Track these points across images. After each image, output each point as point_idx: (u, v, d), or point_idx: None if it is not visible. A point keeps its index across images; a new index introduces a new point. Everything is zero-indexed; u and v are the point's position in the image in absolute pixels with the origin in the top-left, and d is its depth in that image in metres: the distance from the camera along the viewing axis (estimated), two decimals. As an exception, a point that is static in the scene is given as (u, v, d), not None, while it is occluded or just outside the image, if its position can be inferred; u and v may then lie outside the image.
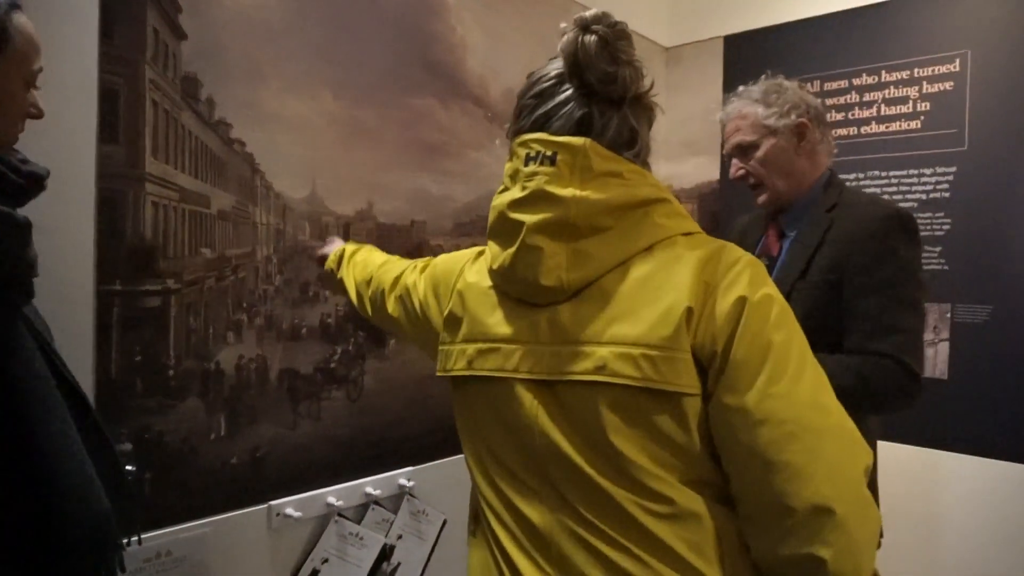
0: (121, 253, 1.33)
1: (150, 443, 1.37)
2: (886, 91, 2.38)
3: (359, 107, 1.75)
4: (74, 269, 1.27)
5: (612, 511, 0.86)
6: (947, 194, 2.26)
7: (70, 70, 1.25)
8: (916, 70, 2.32)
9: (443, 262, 1.16)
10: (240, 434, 1.52)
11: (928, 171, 2.30)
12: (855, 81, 2.44)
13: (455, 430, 1.08)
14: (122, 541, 1.04)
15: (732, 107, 1.64)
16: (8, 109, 0.92)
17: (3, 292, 0.88)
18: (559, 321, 0.90)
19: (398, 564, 1.80)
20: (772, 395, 0.81)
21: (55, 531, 0.87)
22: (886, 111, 2.39)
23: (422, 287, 1.17)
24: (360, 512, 1.74)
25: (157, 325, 1.39)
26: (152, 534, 1.35)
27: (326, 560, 1.65)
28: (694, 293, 0.84)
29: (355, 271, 1.45)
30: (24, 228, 0.91)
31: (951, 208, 2.26)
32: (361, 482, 1.74)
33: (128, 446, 1.34)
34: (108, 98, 1.30)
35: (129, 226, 1.34)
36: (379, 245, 1.82)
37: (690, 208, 2.83)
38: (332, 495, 1.67)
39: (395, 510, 1.81)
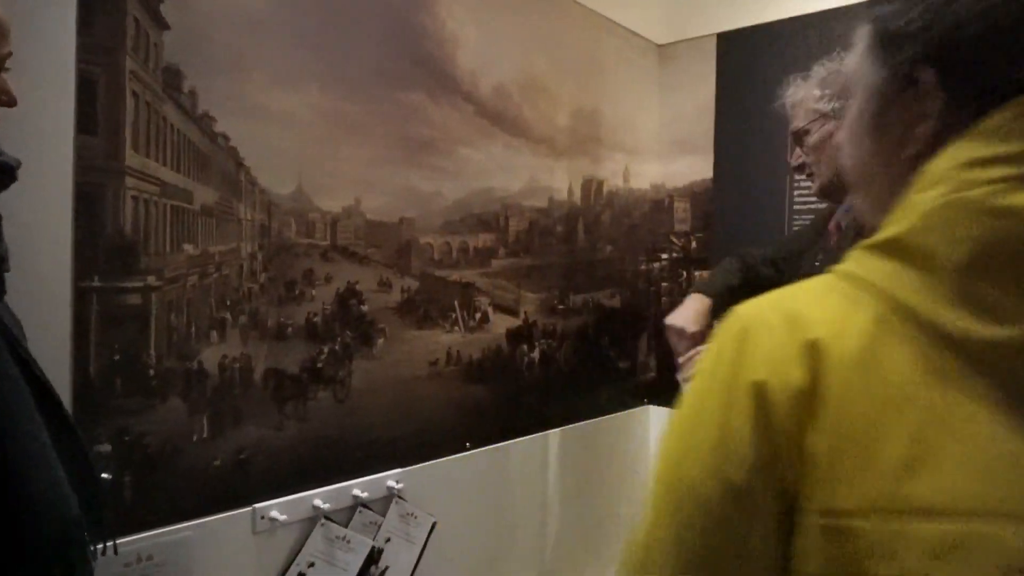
0: (100, 249, 1.29)
1: (130, 445, 1.33)
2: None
3: (347, 101, 1.71)
4: (51, 265, 1.23)
5: None
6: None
7: (46, 59, 1.21)
8: (910, 68, 2.31)
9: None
10: (224, 435, 1.48)
11: (922, 170, 2.29)
12: (849, 79, 2.42)
13: (445, 431, 1.03)
14: (92, 549, 1.00)
15: (792, 93, 1.62)
16: None
17: None
18: None
19: (386, 568, 1.77)
20: None
21: (19, 537, 0.83)
22: (880, 109, 2.37)
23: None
24: (347, 515, 1.71)
25: (137, 323, 1.35)
26: (133, 538, 1.31)
27: (312, 564, 1.61)
28: None
29: None
30: None
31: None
32: (348, 484, 1.71)
33: (107, 447, 1.30)
34: (86, 89, 1.26)
35: (108, 221, 1.30)
36: (367, 242, 1.79)
37: (683, 207, 2.81)
38: (318, 497, 1.63)
39: (383, 512, 1.78)
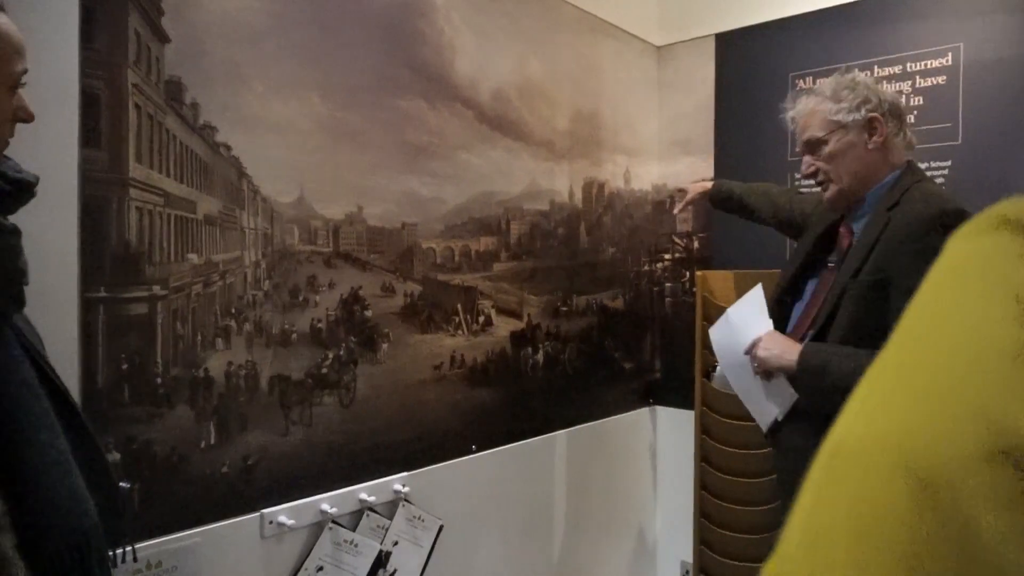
0: (105, 259, 1.31)
1: (138, 452, 1.35)
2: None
3: (346, 109, 1.73)
4: (58, 276, 1.25)
5: None
6: (943, 188, 2.25)
7: (50, 74, 1.23)
8: (908, 64, 2.31)
9: None
10: (231, 442, 1.50)
11: (923, 166, 2.28)
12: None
13: (450, 434, 1.04)
14: (109, 554, 1.02)
15: (803, 104, 1.64)
16: None
17: None
18: None
19: (394, 571, 1.78)
20: None
21: (38, 544, 0.85)
22: (879, 106, 2.37)
23: None
24: (355, 519, 1.72)
25: (144, 332, 1.37)
26: (142, 544, 1.33)
27: (320, 568, 1.63)
28: None
29: None
30: (14, 236, 0.90)
31: (946, 202, 2.23)
32: (355, 488, 1.72)
33: (116, 456, 1.32)
34: (90, 102, 1.28)
35: (113, 232, 1.32)
36: (370, 248, 1.81)
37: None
38: (326, 502, 1.65)
39: (390, 516, 1.79)
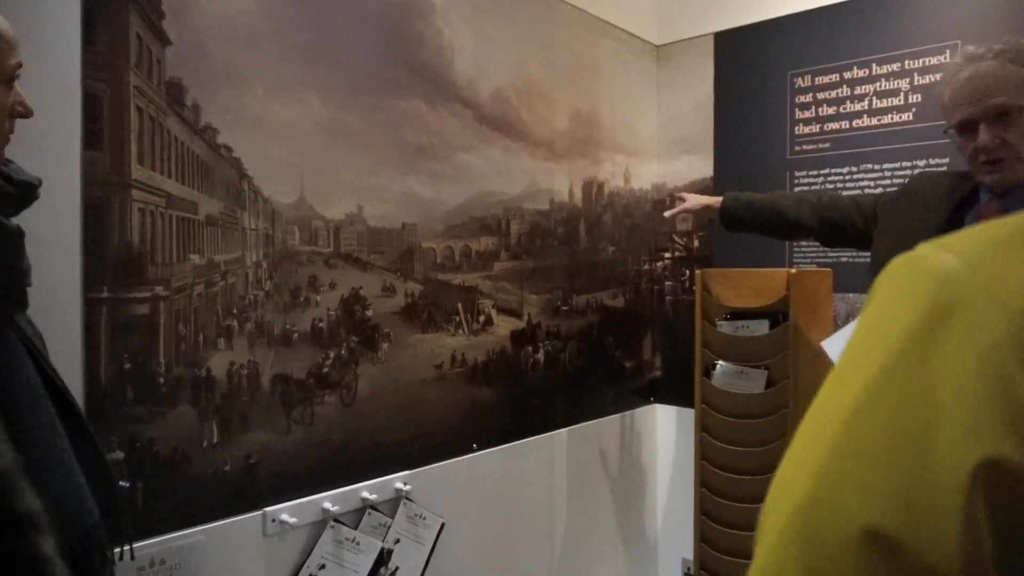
0: (108, 260, 1.32)
1: (141, 452, 1.36)
2: (877, 84, 2.38)
3: (346, 110, 1.74)
4: (61, 277, 1.27)
5: None
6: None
7: (52, 77, 1.24)
8: (907, 62, 2.32)
9: None
10: (233, 441, 1.51)
11: (921, 163, 2.30)
12: (846, 75, 2.44)
13: (451, 433, 1.05)
14: (111, 553, 1.03)
15: (985, 65, 1.41)
16: None
17: None
18: None
19: (396, 568, 1.79)
20: None
21: None
22: (878, 104, 2.38)
23: None
24: (356, 517, 1.73)
25: (146, 332, 1.38)
26: (145, 543, 1.34)
27: (323, 566, 1.64)
28: None
29: None
30: (17, 237, 0.91)
31: (945, 199, 2.24)
32: (357, 487, 1.73)
33: (119, 455, 1.33)
34: (92, 104, 1.29)
35: (116, 233, 1.33)
36: (370, 248, 1.82)
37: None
38: (327, 500, 1.66)
39: (392, 514, 1.80)
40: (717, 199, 2.03)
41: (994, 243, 0.39)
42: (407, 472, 1.85)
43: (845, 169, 2.43)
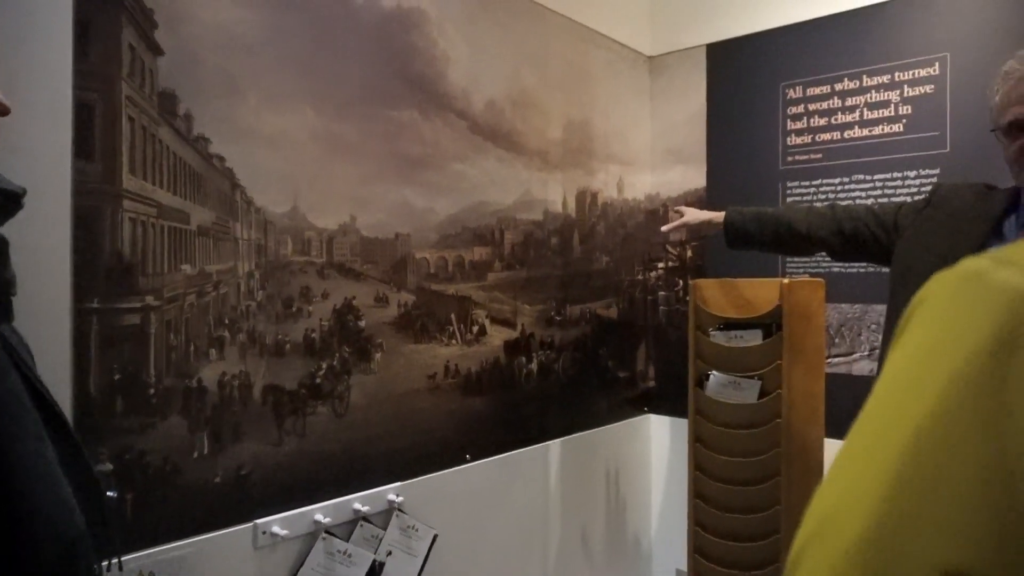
0: (99, 270, 1.32)
1: (131, 463, 1.35)
2: (868, 95, 2.40)
3: (339, 121, 1.74)
4: (51, 287, 1.26)
5: None
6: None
7: (44, 87, 1.24)
8: (897, 74, 2.34)
9: None
10: (224, 452, 1.50)
11: (912, 173, 2.31)
12: (837, 86, 2.45)
13: (444, 443, 1.04)
14: (98, 565, 1.02)
15: None
16: None
17: None
18: None
19: (388, 581, 1.78)
20: None
21: (25, 554, 0.85)
22: (868, 115, 2.40)
23: None
24: (348, 529, 1.72)
25: (137, 343, 1.37)
26: (134, 555, 1.33)
27: (314, 579, 1.62)
28: None
29: None
30: (1, 247, 0.90)
31: (936, 210, 2.25)
32: (349, 498, 1.72)
33: (109, 466, 1.32)
34: (83, 114, 1.29)
35: (107, 243, 1.33)
36: (363, 258, 1.81)
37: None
38: (319, 512, 1.64)
39: (384, 526, 1.79)
40: (718, 214, 1.96)
41: None
42: (400, 483, 1.84)
43: (837, 180, 2.44)
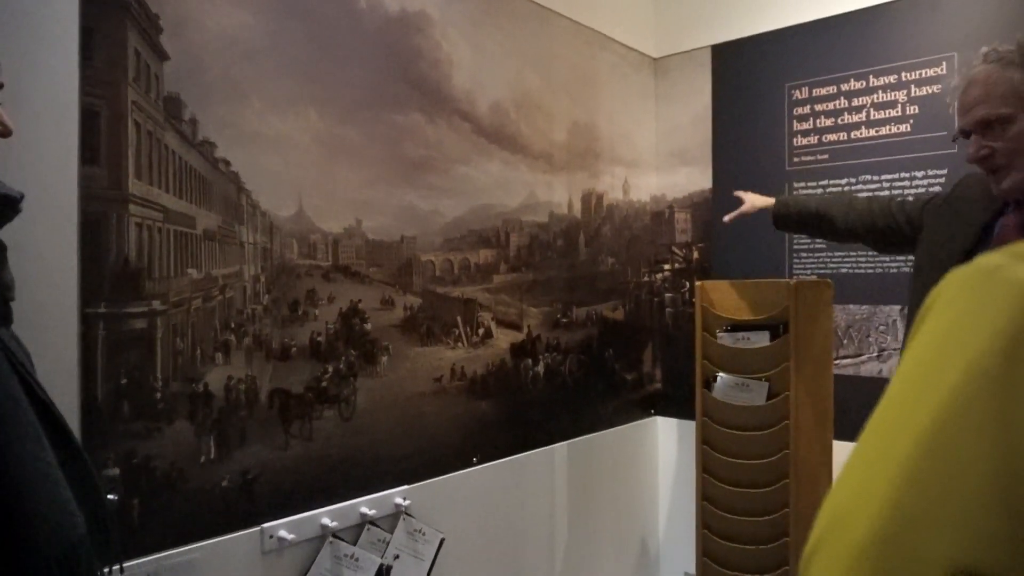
0: (105, 275, 1.32)
1: (138, 468, 1.35)
2: (875, 95, 2.39)
3: (344, 124, 1.75)
4: (58, 292, 1.26)
5: None
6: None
7: (50, 92, 1.24)
8: (903, 74, 2.33)
9: None
10: (230, 456, 1.50)
11: (919, 173, 2.30)
12: (844, 87, 2.44)
13: (451, 447, 1.03)
14: (100, 570, 1.01)
15: (978, 71, 1.38)
16: None
17: None
18: None
19: (395, 585, 1.77)
20: None
21: (25, 558, 0.84)
22: (875, 115, 2.39)
23: None
24: (355, 533, 1.72)
25: (143, 347, 1.37)
26: (141, 560, 1.33)
27: (321, 583, 1.62)
28: None
29: None
30: None
31: (944, 210, 2.24)
32: (356, 502, 1.72)
33: (115, 471, 1.32)
34: (89, 120, 1.29)
35: (113, 248, 1.33)
36: (369, 262, 1.81)
37: (684, 218, 2.82)
38: (326, 516, 1.64)
39: (391, 530, 1.79)
40: (770, 200, 2.09)
41: None
42: (406, 487, 1.84)
43: (844, 180, 2.43)
